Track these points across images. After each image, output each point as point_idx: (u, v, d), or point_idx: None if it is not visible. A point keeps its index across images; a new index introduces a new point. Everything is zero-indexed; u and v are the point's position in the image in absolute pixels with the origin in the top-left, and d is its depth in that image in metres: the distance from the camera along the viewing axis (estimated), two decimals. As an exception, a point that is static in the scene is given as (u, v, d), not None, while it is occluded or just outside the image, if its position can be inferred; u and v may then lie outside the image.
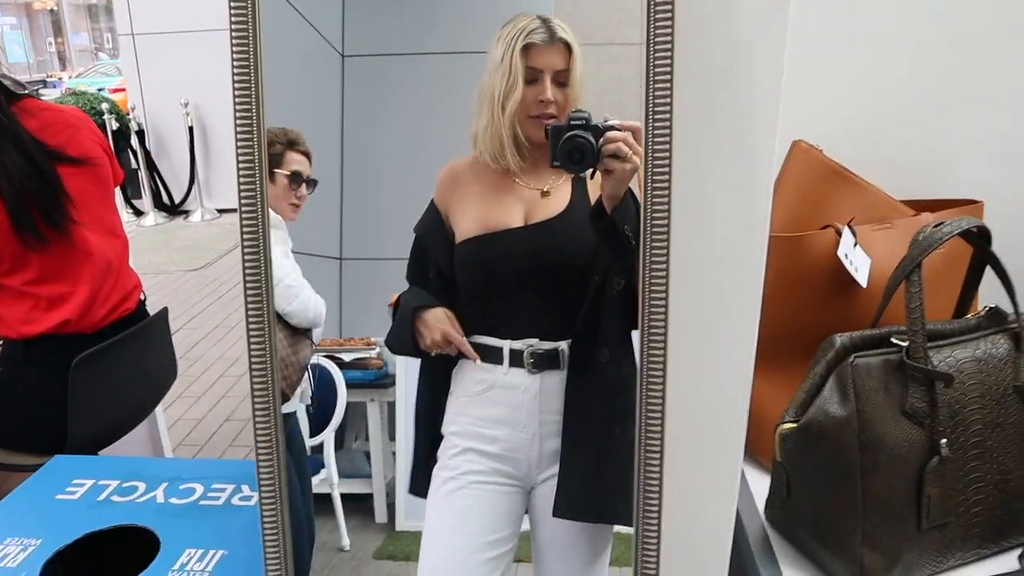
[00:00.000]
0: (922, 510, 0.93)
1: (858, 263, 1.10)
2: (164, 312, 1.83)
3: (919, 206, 1.23)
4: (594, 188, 0.99)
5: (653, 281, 0.81)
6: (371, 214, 1.21)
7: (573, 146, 0.90)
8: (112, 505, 1.03)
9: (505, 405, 1.05)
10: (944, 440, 0.92)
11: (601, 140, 0.90)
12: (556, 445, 1.04)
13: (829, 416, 0.92)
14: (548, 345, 1.03)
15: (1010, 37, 1.31)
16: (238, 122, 0.88)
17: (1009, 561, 1.00)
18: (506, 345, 1.03)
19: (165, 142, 6.90)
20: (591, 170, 0.93)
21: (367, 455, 1.35)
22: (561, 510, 1.03)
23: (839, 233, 1.10)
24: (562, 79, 0.99)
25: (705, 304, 0.89)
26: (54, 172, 1.56)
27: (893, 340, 0.95)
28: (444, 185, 1.08)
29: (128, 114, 6.88)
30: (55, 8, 20.27)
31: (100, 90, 8.39)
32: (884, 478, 0.92)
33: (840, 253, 1.08)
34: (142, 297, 1.78)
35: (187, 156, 6.64)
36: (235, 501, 1.03)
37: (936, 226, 0.97)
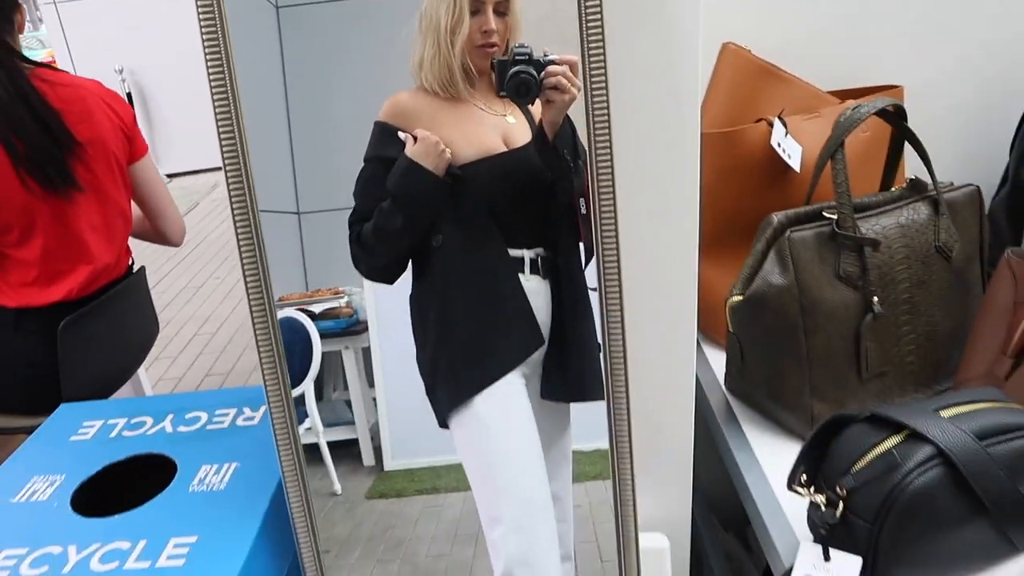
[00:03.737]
0: (861, 362, 1.04)
1: (790, 151, 1.19)
2: (143, 271, 1.89)
3: (844, 95, 1.32)
4: (535, 112, 1.07)
5: (601, 190, 0.89)
6: (324, 165, 1.22)
7: (519, 82, 0.98)
8: (125, 439, 1.10)
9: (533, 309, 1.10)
10: (876, 298, 1.03)
11: (542, 73, 0.98)
12: None
13: (772, 286, 1.02)
14: (550, 254, 1.11)
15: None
16: (213, 81, 0.93)
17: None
18: (525, 253, 1.11)
19: (104, 111, 6.76)
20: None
21: (348, 404, 1.36)
22: (547, 394, 1.12)
23: (771, 125, 1.19)
24: (502, 9, 1.05)
25: (650, 201, 0.97)
26: (66, 139, 1.62)
27: (824, 214, 1.05)
28: (401, 116, 1.12)
29: (62, 85, 6.72)
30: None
31: (27, 65, 8.17)
32: (825, 337, 1.02)
33: (773, 142, 1.17)
34: (130, 262, 1.84)
35: (128, 123, 6.55)
36: (240, 422, 1.11)
37: (855, 108, 1.06)
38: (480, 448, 1.11)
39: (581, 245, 1.11)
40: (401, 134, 1.07)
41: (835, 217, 1.03)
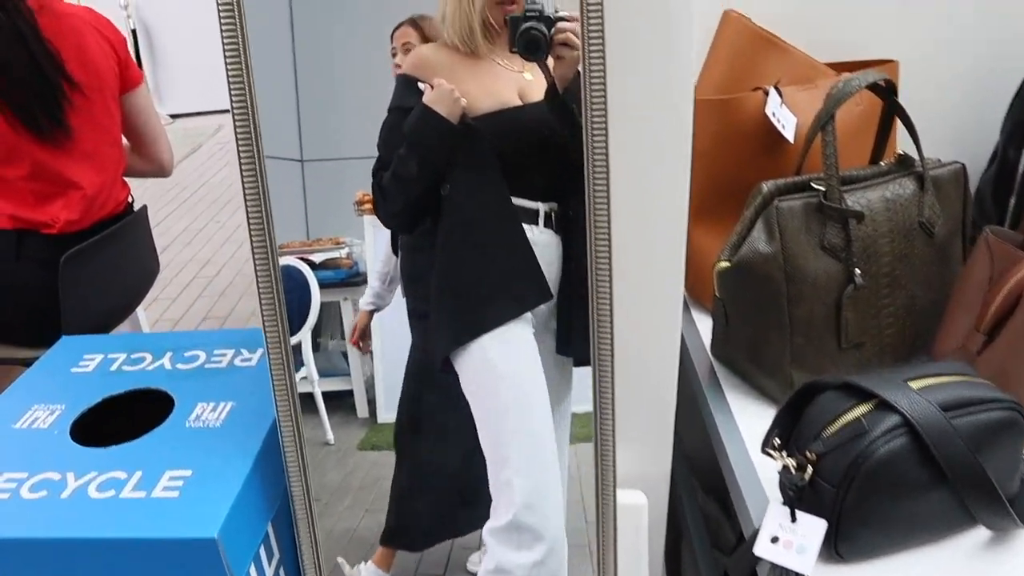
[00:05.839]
0: (841, 332, 1.07)
1: (785, 120, 1.21)
2: (144, 210, 1.92)
3: (840, 68, 1.33)
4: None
5: (595, 145, 0.91)
6: (329, 114, 1.24)
7: (530, 38, 1.01)
8: (124, 374, 1.14)
9: (543, 262, 1.12)
10: (858, 270, 1.06)
11: (553, 30, 1.00)
12: None
13: (758, 253, 1.05)
14: (562, 208, 1.12)
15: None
16: (223, 22, 0.93)
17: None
18: (540, 207, 1.12)
19: (108, 47, 6.70)
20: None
21: (344, 355, 1.35)
22: (560, 349, 1.12)
23: (767, 94, 1.21)
24: None
25: (641, 157, 1.00)
26: (59, 81, 1.61)
27: (813, 185, 1.07)
28: (421, 68, 1.12)
29: (66, 19, 6.67)
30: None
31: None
32: (807, 305, 1.05)
33: (768, 111, 1.19)
34: (130, 200, 1.86)
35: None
36: (237, 362, 1.15)
37: (846, 81, 1.08)
38: (489, 389, 1.12)
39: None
40: (421, 84, 1.09)
41: (823, 188, 1.06)
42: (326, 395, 1.29)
